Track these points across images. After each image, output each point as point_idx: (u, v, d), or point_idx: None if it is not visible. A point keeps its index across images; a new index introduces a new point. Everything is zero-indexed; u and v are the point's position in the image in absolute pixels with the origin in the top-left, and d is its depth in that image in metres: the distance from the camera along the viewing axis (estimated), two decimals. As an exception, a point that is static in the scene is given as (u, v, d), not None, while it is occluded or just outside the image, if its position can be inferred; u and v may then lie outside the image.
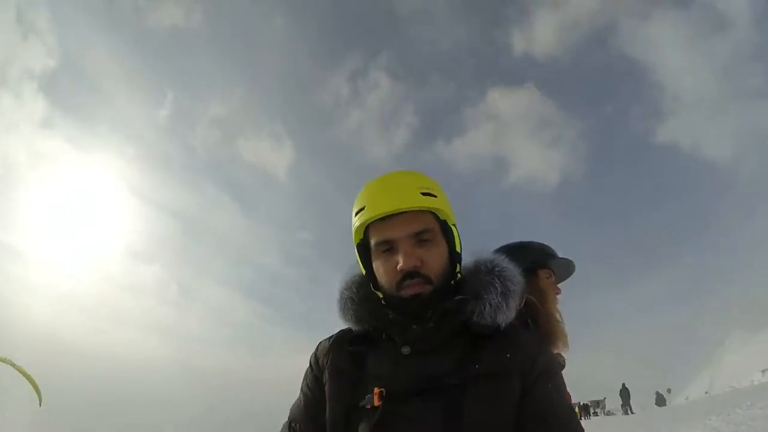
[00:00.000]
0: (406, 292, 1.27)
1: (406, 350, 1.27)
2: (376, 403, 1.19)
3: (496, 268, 1.35)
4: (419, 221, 1.29)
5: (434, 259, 1.29)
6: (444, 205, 1.34)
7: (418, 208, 1.29)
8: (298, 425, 1.43)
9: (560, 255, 2.27)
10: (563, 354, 2.07)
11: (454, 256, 1.36)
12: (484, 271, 1.35)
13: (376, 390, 1.20)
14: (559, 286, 2.30)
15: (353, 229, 1.37)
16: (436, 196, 1.31)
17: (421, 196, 1.28)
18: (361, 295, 1.40)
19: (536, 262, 2.18)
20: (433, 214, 1.33)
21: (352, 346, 1.37)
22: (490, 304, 1.27)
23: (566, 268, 2.29)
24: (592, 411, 37.19)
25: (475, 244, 1.44)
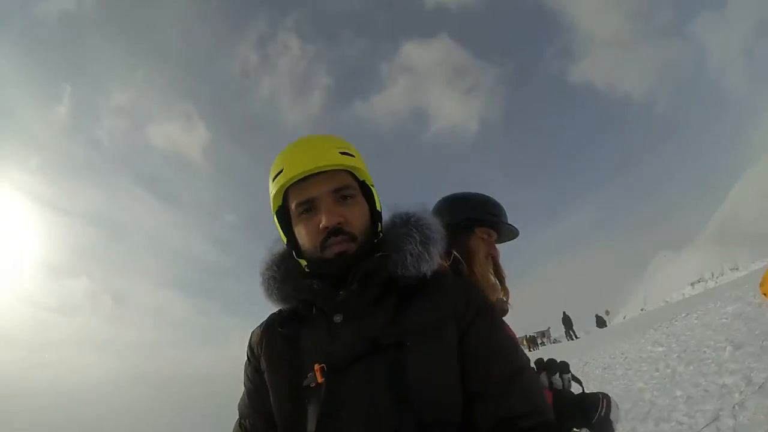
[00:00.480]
0: (331, 252, 1.24)
1: (338, 318, 1.23)
2: (319, 380, 1.14)
3: (412, 218, 1.34)
4: (338, 178, 1.28)
5: (356, 217, 1.28)
6: (361, 164, 1.33)
7: (336, 166, 1.27)
8: (247, 421, 1.37)
9: (502, 217, 2.15)
10: (506, 308, 2.02)
11: (375, 215, 1.35)
12: (400, 224, 1.33)
13: (316, 366, 1.16)
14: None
15: (271, 195, 1.33)
16: (353, 156, 1.31)
17: (339, 154, 1.27)
18: (283, 271, 1.36)
19: (474, 218, 2.08)
20: (352, 174, 1.32)
21: (284, 328, 1.32)
22: (411, 254, 1.26)
23: (508, 233, 2.18)
24: (539, 341, 38.88)
25: (402, 201, 1.41)
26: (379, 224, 1.35)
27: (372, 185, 1.36)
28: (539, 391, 1.19)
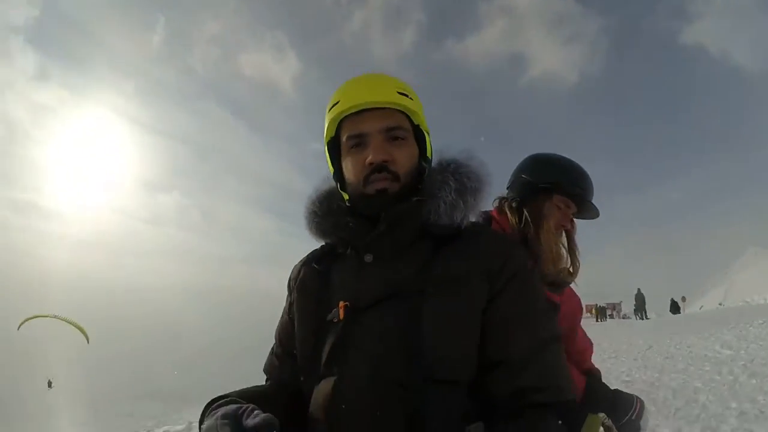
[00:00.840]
0: (372, 188, 1.24)
1: (368, 258, 1.25)
2: (341, 316, 1.19)
3: (452, 165, 1.32)
4: (393, 118, 1.27)
5: (404, 157, 1.27)
6: (419, 108, 1.31)
7: (392, 105, 1.26)
8: (279, 348, 1.45)
9: (590, 196, 2.06)
10: (568, 280, 2.00)
11: (424, 161, 1.33)
12: (438, 170, 1.32)
13: (341, 303, 1.20)
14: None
15: (325, 126, 1.34)
16: (411, 99, 1.29)
17: (398, 94, 1.26)
18: (325, 207, 1.38)
19: (556, 184, 2.00)
20: (407, 117, 1.30)
21: (319, 264, 1.37)
22: (445, 202, 1.24)
23: (588, 211, 2.10)
24: (608, 313, 38.00)
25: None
26: (427, 170, 1.33)
27: (427, 131, 1.35)
28: (562, 367, 1.17)
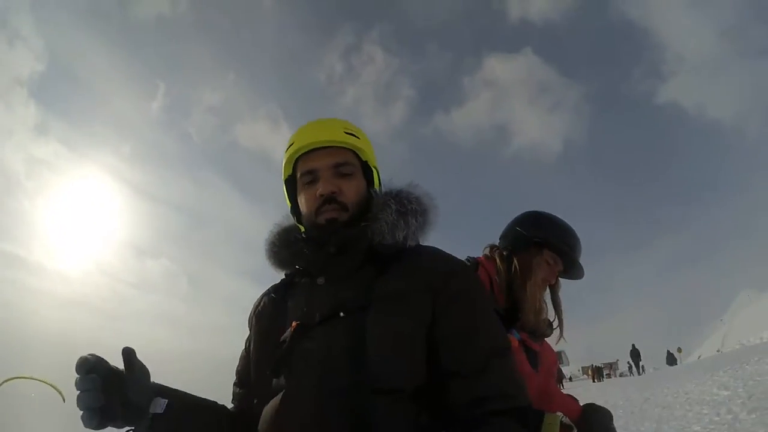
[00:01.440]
0: (323, 217, 1.33)
1: (320, 281, 1.32)
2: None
3: (394, 191, 1.41)
4: (340, 155, 1.38)
5: (350, 189, 1.37)
6: (366, 146, 1.44)
7: (340, 144, 1.38)
8: (237, 379, 1.49)
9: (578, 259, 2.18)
10: (547, 333, 2.12)
11: (372, 195, 1.42)
12: (382, 196, 1.40)
13: (293, 324, 1.24)
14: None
15: (282, 165, 1.46)
16: (358, 138, 1.41)
17: (345, 134, 1.38)
18: (284, 239, 1.48)
19: (549, 241, 2.12)
20: (356, 154, 1.42)
21: (276, 293, 1.44)
22: (387, 222, 1.32)
23: (574, 270, 2.20)
24: (605, 373, 37.82)
25: (479, 215, 1.41)
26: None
27: (375, 167, 1.46)
28: (516, 375, 1.20)
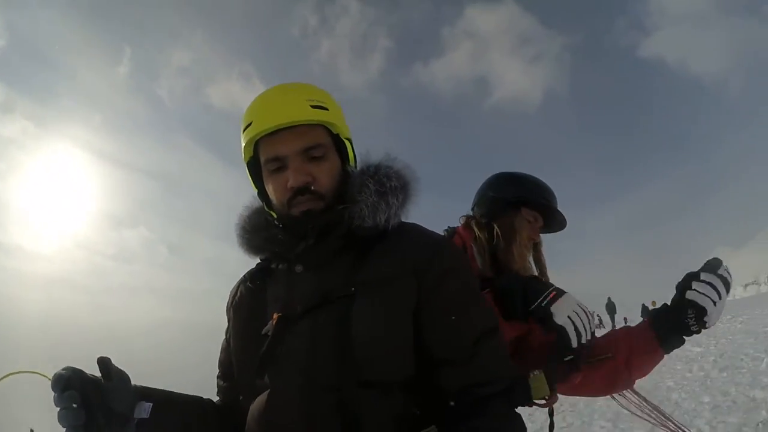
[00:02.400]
0: (297, 210, 1.22)
1: (299, 269, 1.23)
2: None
3: (371, 168, 1.29)
4: (309, 136, 1.23)
5: (325, 175, 1.24)
6: (336, 118, 1.27)
7: (307, 122, 1.22)
8: (220, 372, 1.43)
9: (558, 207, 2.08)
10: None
11: (348, 172, 1.30)
12: (358, 174, 1.28)
13: (274, 316, 1.17)
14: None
15: (242, 147, 1.31)
16: (327, 109, 1.24)
17: (311, 108, 1.21)
18: (254, 222, 1.36)
19: (524, 198, 2.01)
20: (326, 128, 1.26)
21: (254, 282, 1.34)
22: (366, 205, 1.21)
23: (556, 222, 2.12)
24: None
25: (459, 167, 1.36)
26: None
27: (348, 138, 1.31)
28: (504, 353, 1.19)
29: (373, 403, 1.07)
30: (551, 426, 1.35)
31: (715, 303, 1.45)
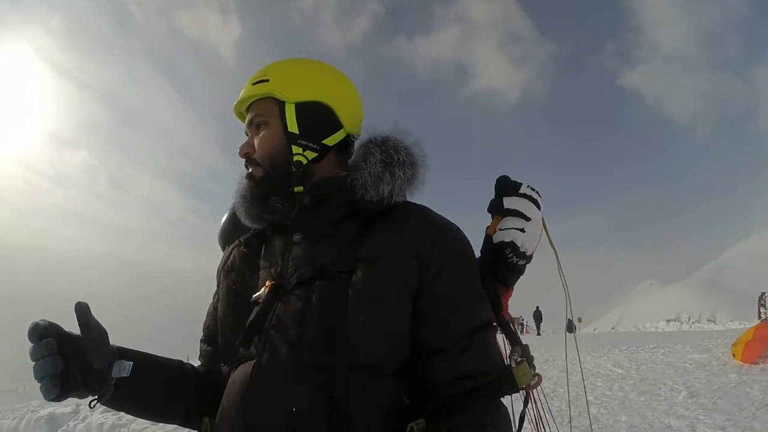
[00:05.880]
0: (247, 175, 1.29)
1: (296, 237, 1.20)
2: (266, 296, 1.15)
3: (379, 138, 1.27)
4: (254, 109, 1.29)
5: (261, 144, 1.26)
6: (279, 85, 1.26)
7: (250, 99, 1.29)
8: (204, 336, 1.40)
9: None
10: None
11: (290, 137, 1.25)
12: (364, 143, 1.28)
13: (267, 283, 1.15)
14: None
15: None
16: (267, 80, 1.26)
17: (252, 86, 1.28)
18: (253, 190, 1.34)
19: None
20: (275, 99, 1.26)
21: (248, 247, 1.32)
22: (370, 174, 1.19)
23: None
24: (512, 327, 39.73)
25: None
26: (293, 146, 1.24)
27: (295, 103, 1.25)
28: (495, 349, 1.17)
29: (362, 388, 1.04)
30: (526, 400, 1.29)
31: (523, 229, 1.33)
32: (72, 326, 1.07)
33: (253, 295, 1.16)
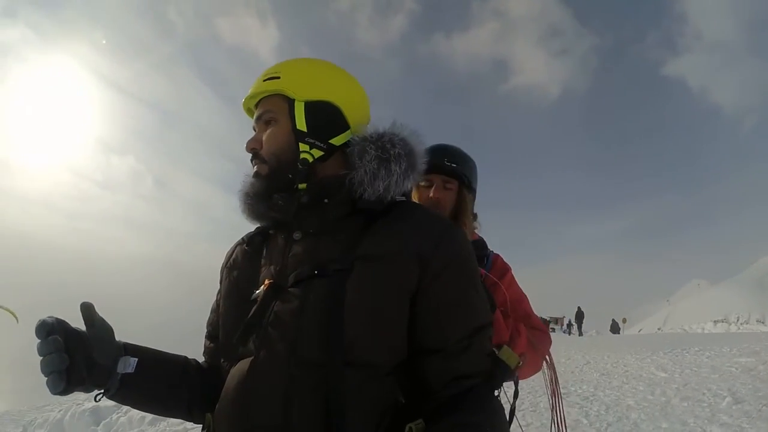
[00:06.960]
0: (254, 172, 1.30)
1: (297, 235, 1.23)
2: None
3: (376, 135, 1.27)
4: (264, 105, 1.31)
5: (268, 140, 1.28)
6: (289, 83, 1.28)
7: (260, 95, 1.31)
8: (208, 332, 1.43)
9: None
10: None
11: (298, 134, 1.27)
12: (359, 141, 1.28)
13: (266, 281, 1.17)
14: None
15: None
16: (278, 78, 1.28)
17: (263, 82, 1.29)
18: (257, 188, 1.35)
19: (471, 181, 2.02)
20: (285, 96, 1.28)
21: (250, 245, 1.35)
22: (366, 171, 1.21)
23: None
24: (550, 328, 39.21)
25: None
26: (300, 144, 1.26)
27: (304, 101, 1.27)
28: (489, 350, 1.18)
29: (358, 386, 1.04)
30: (515, 394, 1.35)
31: None
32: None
33: (253, 294, 1.19)
